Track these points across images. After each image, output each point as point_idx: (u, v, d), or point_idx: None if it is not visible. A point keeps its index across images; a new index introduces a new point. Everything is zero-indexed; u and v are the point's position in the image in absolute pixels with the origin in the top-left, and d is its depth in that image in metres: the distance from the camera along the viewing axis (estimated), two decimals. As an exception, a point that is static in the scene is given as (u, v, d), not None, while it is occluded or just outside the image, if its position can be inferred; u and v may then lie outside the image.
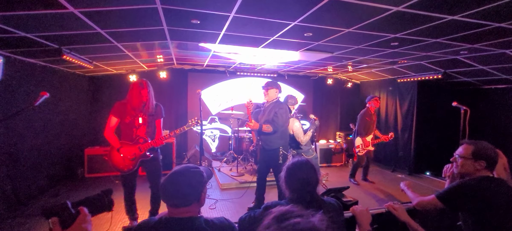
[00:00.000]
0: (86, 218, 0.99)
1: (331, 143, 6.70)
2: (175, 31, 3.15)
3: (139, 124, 2.95)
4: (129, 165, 2.90)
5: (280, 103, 3.55)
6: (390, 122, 6.52)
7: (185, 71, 6.47)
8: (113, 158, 2.91)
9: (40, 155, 4.12)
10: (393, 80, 6.33)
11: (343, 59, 4.79)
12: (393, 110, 6.53)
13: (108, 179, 5.08)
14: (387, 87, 6.67)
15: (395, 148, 6.36)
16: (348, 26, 2.80)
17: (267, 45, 3.76)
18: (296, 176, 1.50)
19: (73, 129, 5.10)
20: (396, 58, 4.47)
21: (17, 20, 2.33)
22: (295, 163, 1.54)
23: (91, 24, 2.59)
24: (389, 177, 5.81)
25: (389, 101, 6.66)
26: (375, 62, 4.93)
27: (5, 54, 3.16)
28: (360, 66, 5.57)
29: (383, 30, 2.91)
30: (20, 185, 3.69)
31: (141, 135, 2.96)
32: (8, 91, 3.39)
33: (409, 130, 6.03)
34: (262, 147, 3.55)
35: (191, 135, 6.70)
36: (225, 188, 4.86)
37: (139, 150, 2.92)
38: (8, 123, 3.41)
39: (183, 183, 1.28)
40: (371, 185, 5.17)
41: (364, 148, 5.00)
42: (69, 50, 3.48)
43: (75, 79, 5.11)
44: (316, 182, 1.52)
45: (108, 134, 2.90)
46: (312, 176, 1.50)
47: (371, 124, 5.04)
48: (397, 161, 6.30)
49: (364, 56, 4.41)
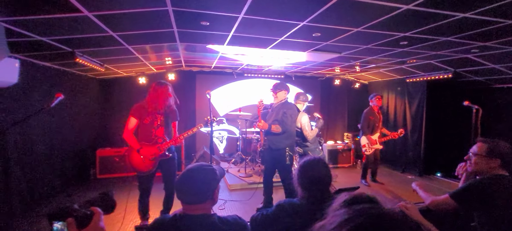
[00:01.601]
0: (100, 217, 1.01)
1: (338, 144, 6.65)
2: (185, 33, 3.19)
3: (157, 124, 2.99)
4: (149, 165, 2.94)
5: (288, 103, 3.56)
6: (399, 122, 6.43)
7: (193, 73, 6.53)
8: (133, 159, 2.94)
9: (53, 155, 4.21)
10: (402, 80, 6.26)
11: (351, 59, 4.77)
12: (402, 110, 6.45)
13: (119, 179, 5.16)
14: (395, 87, 6.60)
15: (405, 149, 6.27)
16: (357, 26, 2.79)
17: (275, 46, 3.77)
18: (309, 174, 1.49)
19: (85, 130, 5.20)
20: (405, 58, 4.42)
21: (33, 24, 2.40)
22: (308, 161, 1.54)
23: (104, 27, 2.65)
24: (399, 178, 5.74)
25: (398, 101, 6.58)
26: (383, 62, 4.88)
27: (21, 57, 3.25)
28: (368, 67, 5.53)
29: (392, 29, 2.88)
30: (35, 185, 3.78)
31: (159, 135, 3.00)
32: (24, 94, 3.49)
33: (418, 130, 5.94)
34: (268, 147, 3.55)
35: (199, 136, 6.74)
36: (234, 189, 4.87)
37: (158, 150, 2.96)
38: (24, 125, 3.50)
39: (197, 180, 1.30)
40: (380, 186, 5.11)
41: (371, 147, 4.96)
42: (82, 53, 3.56)
43: (87, 82, 5.21)
44: (329, 180, 1.51)
45: (128, 135, 2.92)
46: (325, 174, 1.50)
47: (376, 122, 5.01)
48: (406, 162, 6.21)
49: (372, 56, 4.38)
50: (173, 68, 6.14)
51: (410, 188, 2.14)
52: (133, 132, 2.98)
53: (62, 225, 0.90)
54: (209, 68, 6.43)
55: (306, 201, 1.49)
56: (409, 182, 5.40)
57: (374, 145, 4.96)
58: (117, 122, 5.65)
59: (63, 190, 4.45)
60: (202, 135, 6.74)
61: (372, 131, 5.00)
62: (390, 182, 5.38)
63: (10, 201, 3.30)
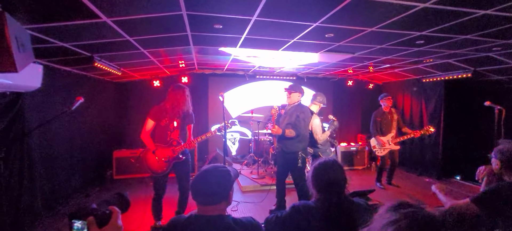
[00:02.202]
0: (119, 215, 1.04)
1: (352, 146, 6.54)
2: (198, 36, 3.23)
3: (173, 127, 3.06)
4: (163, 166, 3.01)
5: (302, 106, 3.53)
6: (416, 124, 6.26)
7: (205, 75, 6.61)
8: (148, 159, 3.02)
9: (73, 156, 4.37)
10: (418, 80, 6.09)
11: (364, 59, 4.69)
12: (418, 111, 6.27)
13: (135, 180, 5.28)
14: (411, 87, 6.43)
15: (421, 151, 6.09)
16: (371, 26, 2.74)
17: (287, 48, 3.76)
18: (324, 176, 1.48)
19: (102, 132, 5.36)
20: (421, 57, 4.30)
21: (56, 31, 2.51)
22: (323, 163, 1.52)
23: (121, 32, 2.73)
24: (416, 181, 5.57)
25: (414, 102, 6.40)
26: (398, 62, 4.77)
27: (44, 63, 3.40)
28: (383, 67, 5.42)
29: (408, 28, 2.81)
30: (56, 185, 3.93)
31: (175, 137, 3.07)
32: (47, 98, 3.65)
33: (436, 131, 5.74)
34: (281, 150, 3.54)
35: (211, 137, 6.74)
36: (246, 191, 4.88)
37: (173, 152, 3.03)
38: (47, 127, 3.66)
39: (212, 181, 1.32)
40: (396, 189, 4.98)
41: (382, 148, 4.83)
42: (100, 58, 3.68)
43: (104, 86, 5.38)
44: (345, 183, 1.49)
45: (145, 136, 3.01)
46: (341, 176, 1.48)
47: (387, 123, 4.88)
48: (423, 164, 6.03)
49: (387, 56, 4.29)
50: (186, 71, 6.23)
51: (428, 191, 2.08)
52: (150, 134, 3.05)
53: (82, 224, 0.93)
54: (221, 71, 6.49)
55: (321, 203, 1.47)
56: (426, 185, 5.24)
57: (386, 146, 4.83)
58: (132, 124, 5.80)
59: (82, 190, 4.60)
60: (214, 136, 6.74)
61: (382, 131, 4.87)
62: (406, 185, 5.24)
63: (35, 200, 3.44)
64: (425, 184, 5.36)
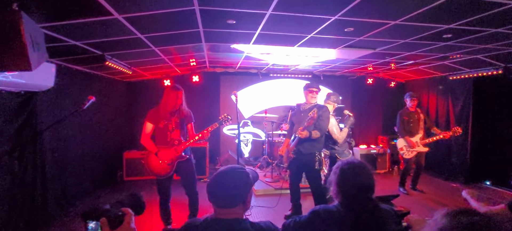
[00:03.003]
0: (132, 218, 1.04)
1: (373, 148, 6.40)
2: (210, 33, 3.26)
3: (172, 127, 3.13)
4: (167, 168, 3.05)
5: (321, 106, 3.47)
6: (442, 125, 6.05)
7: (217, 74, 6.66)
8: (151, 162, 3.08)
9: (84, 157, 4.50)
10: (444, 78, 5.89)
11: (386, 55, 4.58)
12: (444, 111, 6.06)
13: (145, 182, 5.37)
14: (436, 86, 6.24)
15: (448, 153, 5.88)
16: (395, 18, 2.67)
17: (303, 44, 3.72)
18: (351, 180, 1.43)
19: (113, 133, 5.49)
20: (448, 53, 4.16)
21: (68, 29, 2.59)
22: (350, 165, 1.47)
23: (132, 29, 2.78)
24: (442, 186, 5.39)
25: (440, 101, 6.20)
26: (423, 58, 4.63)
27: (57, 62, 3.52)
28: (406, 63, 5.28)
29: (434, 21, 2.73)
30: (68, 185, 4.06)
31: (175, 137, 3.13)
32: (59, 97, 3.78)
33: (464, 133, 5.51)
34: (297, 150, 3.44)
35: (223, 139, 6.84)
36: (260, 195, 4.86)
37: (175, 152, 3.08)
38: (59, 127, 3.79)
39: (230, 183, 1.31)
40: (421, 195, 4.83)
41: (410, 150, 4.68)
42: (111, 56, 3.78)
43: (115, 85, 5.52)
44: (373, 186, 1.44)
45: (145, 140, 3.09)
46: (369, 180, 1.43)
47: (414, 123, 4.72)
48: (450, 168, 5.82)
49: (411, 51, 4.17)
50: (197, 70, 6.30)
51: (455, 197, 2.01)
52: (151, 137, 3.12)
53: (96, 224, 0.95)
54: (233, 69, 6.51)
55: (345, 208, 1.43)
56: (453, 191, 5.06)
57: (414, 148, 4.67)
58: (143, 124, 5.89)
59: (92, 191, 4.72)
60: (226, 138, 6.83)
61: (410, 132, 4.73)
62: (431, 190, 5.07)
63: (47, 200, 3.56)
64: (452, 190, 5.18)
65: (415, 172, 4.94)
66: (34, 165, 3.39)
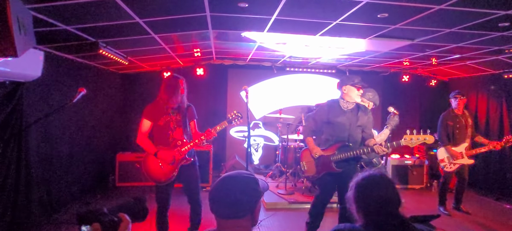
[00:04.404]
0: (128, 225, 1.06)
1: (407, 158, 6.26)
2: (218, 18, 3.27)
3: (174, 125, 3.11)
4: (168, 172, 3.04)
5: (360, 105, 3.38)
6: (493, 132, 5.87)
7: (225, 67, 6.69)
8: (150, 166, 3.06)
9: (73, 159, 4.61)
10: (498, 76, 5.73)
11: (426, 48, 4.48)
12: (497, 116, 5.88)
13: (140, 189, 5.45)
14: (488, 85, 6.07)
15: (501, 168, 5.70)
16: (440, 2, 2.60)
17: (327, 32, 3.69)
18: (372, 194, 1.44)
19: (106, 131, 5.61)
20: (504, 46, 4.04)
21: (59, 11, 2.66)
22: (368, 178, 1.49)
23: (129, 12, 2.83)
24: (492, 208, 5.22)
25: (491, 104, 6.04)
26: (472, 51, 4.51)
27: (45, 49, 3.62)
28: (450, 58, 5.16)
29: (489, 6, 2.65)
30: (54, 190, 4.17)
31: (178, 137, 3.12)
32: (47, 88, 3.88)
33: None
34: (340, 161, 3.25)
35: (229, 143, 6.86)
36: (271, 208, 4.85)
37: (178, 154, 3.07)
38: (46, 123, 3.89)
39: (236, 189, 1.29)
40: (466, 217, 4.68)
41: (453, 162, 4.51)
42: (105, 44, 3.85)
43: (108, 77, 5.63)
44: (399, 201, 1.44)
45: (141, 139, 3.06)
46: (392, 194, 1.43)
47: (460, 129, 4.55)
48: (503, 186, 5.64)
49: (457, 43, 4.07)
50: (202, 62, 6.35)
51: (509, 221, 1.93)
52: (149, 136, 3.11)
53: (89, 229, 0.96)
54: (244, 62, 6.53)
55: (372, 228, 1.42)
56: (507, 214, 4.89)
57: (459, 160, 4.51)
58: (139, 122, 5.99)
59: (81, 197, 4.83)
60: (233, 141, 6.84)
61: (454, 140, 4.59)
62: (479, 211, 4.91)
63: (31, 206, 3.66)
64: (505, 212, 5.01)
65: (458, 188, 4.80)
66: (17, 165, 3.49)
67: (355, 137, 3.27)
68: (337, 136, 3.27)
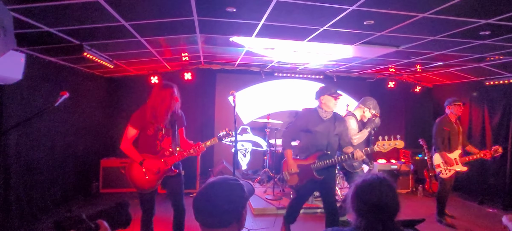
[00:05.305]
0: None
1: (393, 163, 6.35)
2: (206, 22, 3.25)
3: (163, 135, 3.05)
4: (152, 181, 2.99)
5: (336, 114, 3.51)
6: (476, 139, 6.00)
7: (213, 71, 6.66)
8: (134, 174, 2.99)
9: (55, 164, 4.48)
10: (479, 83, 5.89)
11: (411, 55, 4.58)
12: (479, 122, 6.03)
13: (125, 195, 5.32)
14: (470, 92, 6.23)
15: (483, 173, 5.84)
16: (423, 10, 2.66)
17: (314, 38, 3.72)
18: (367, 198, 1.43)
19: (90, 136, 5.49)
20: (485, 53, 4.16)
21: (42, 12, 2.59)
22: (367, 181, 1.48)
23: (115, 14, 2.78)
24: (476, 211, 5.34)
25: (474, 110, 6.19)
26: (455, 59, 4.63)
27: (27, 52, 3.53)
28: (434, 65, 5.28)
29: (470, 15, 2.72)
30: (34, 196, 4.03)
31: (166, 147, 3.06)
32: (28, 92, 3.77)
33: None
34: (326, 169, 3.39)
35: (217, 147, 6.79)
36: (259, 214, 4.82)
37: (165, 164, 3.01)
38: (27, 127, 3.77)
39: (221, 197, 1.27)
40: (452, 220, 4.75)
41: (448, 168, 4.53)
42: (90, 46, 3.78)
43: (93, 81, 5.52)
44: (396, 209, 1.43)
45: (126, 146, 2.98)
46: (391, 199, 1.42)
47: (455, 136, 4.59)
48: (486, 191, 5.78)
49: (440, 50, 4.17)
50: (190, 66, 6.30)
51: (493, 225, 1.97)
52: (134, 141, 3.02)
53: None
54: (232, 66, 6.52)
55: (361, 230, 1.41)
56: (490, 217, 5.00)
57: (453, 166, 4.53)
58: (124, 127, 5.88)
59: (63, 204, 4.69)
60: (220, 146, 6.77)
61: (450, 146, 4.56)
62: (463, 215, 5.01)
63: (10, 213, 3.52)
64: (488, 216, 5.13)
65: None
66: (-5, 170, 3.37)
67: (333, 145, 3.42)
68: (316, 144, 3.39)
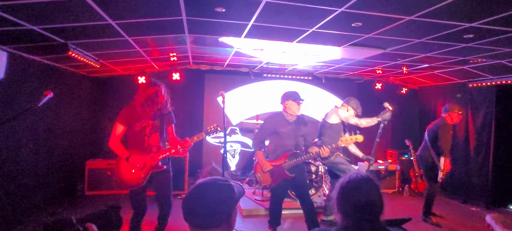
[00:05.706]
0: None
1: (380, 164, 6.44)
2: (195, 22, 3.23)
3: (150, 131, 3.06)
4: (139, 177, 2.97)
5: (300, 116, 3.72)
6: (460, 139, 6.16)
7: (202, 72, 6.62)
8: (121, 170, 2.99)
9: (38, 166, 4.36)
10: (463, 85, 6.03)
11: (398, 57, 4.65)
12: (463, 124, 6.16)
13: (111, 197, 5.23)
14: (454, 94, 6.36)
15: (467, 173, 5.97)
16: (410, 13, 2.71)
17: (303, 39, 3.74)
18: (353, 197, 1.42)
19: (75, 137, 5.36)
20: (469, 56, 4.26)
21: (25, 9, 2.52)
22: (352, 181, 1.46)
23: (101, 13, 2.73)
24: (460, 210, 5.46)
25: (458, 111, 6.31)
26: (440, 61, 4.72)
27: (9, 50, 3.42)
28: (420, 67, 5.38)
29: (454, 18, 2.78)
30: (17, 200, 3.90)
31: (153, 143, 3.06)
32: (10, 91, 3.66)
33: (485, 149, 5.64)
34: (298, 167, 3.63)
35: (206, 148, 6.76)
36: (248, 215, 4.82)
37: (151, 159, 3.00)
38: (9, 128, 3.65)
39: (211, 197, 1.26)
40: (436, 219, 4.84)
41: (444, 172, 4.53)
42: (75, 46, 3.70)
43: (78, 81, 5.41)
44: (381, 208, 1.43)
45: (114, 143, 2.98)
46: (376, 198, 1.42)
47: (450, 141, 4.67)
48: (469, 190, 5.90)
49: (426, 53, 4.25)
50: (179, 66, 6.24)
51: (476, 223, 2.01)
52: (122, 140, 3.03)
53: None
54: (221, 67, 6.49)
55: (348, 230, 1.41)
56: (473, 215, 5.13)
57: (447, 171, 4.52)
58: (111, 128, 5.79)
59: (47, 207, 4.56)
60: (209, 147, 6.75)
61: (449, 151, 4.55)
62: (448, 214, 5.12)
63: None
64: (471, 214, 5.25)
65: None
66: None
67: (300, 145, 3.72)
68: (284, 144, 3.62)
